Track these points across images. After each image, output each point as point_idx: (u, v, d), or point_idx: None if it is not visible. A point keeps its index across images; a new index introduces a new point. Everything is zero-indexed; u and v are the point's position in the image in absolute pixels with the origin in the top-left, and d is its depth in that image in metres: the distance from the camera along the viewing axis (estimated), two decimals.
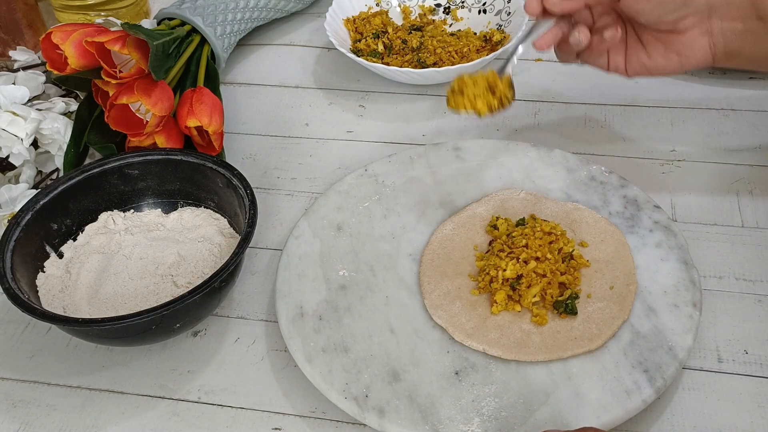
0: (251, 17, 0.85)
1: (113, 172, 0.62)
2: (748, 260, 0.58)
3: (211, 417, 0.52)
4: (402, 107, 0.78)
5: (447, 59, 0.78)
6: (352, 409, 0.49)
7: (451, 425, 0.47)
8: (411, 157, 0.67)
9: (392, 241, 0.61)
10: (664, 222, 0.58)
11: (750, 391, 0.50)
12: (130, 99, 0.63)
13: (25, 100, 0.70)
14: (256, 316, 0.58)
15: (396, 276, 0.58)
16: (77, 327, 0.50)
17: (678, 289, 0.53)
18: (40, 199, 0.58)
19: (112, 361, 0.56)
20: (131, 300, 0.56)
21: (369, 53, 0.81)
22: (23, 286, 0.54)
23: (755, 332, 0.54)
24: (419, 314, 0.55)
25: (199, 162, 0.61)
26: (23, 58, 0.79)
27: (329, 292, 0.57)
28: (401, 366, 0.51)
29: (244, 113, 0.79)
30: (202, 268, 0.58)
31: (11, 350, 0.58)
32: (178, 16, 0.78)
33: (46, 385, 0.55)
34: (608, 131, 0.72)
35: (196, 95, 0.67)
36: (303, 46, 0.89)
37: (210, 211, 0.63)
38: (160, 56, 0.68)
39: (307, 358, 0.52)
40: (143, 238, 0.61)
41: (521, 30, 0.74)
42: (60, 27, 0.66)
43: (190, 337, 0.57)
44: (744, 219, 0.62)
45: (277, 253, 0.63)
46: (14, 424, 0.52)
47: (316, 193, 0.69)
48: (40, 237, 0.58)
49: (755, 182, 0.65)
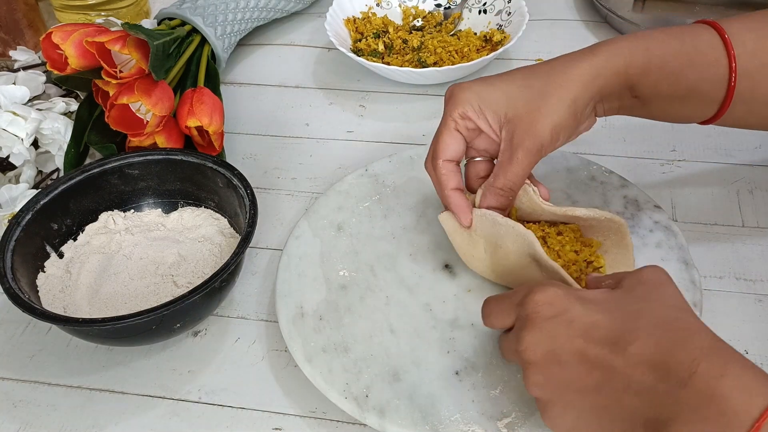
0: (251, 17, 0.85)
1: (113, 172, 0.62)
2: (748, 260, 0.58)
3: (211, 417, 0.52)
4: (402, 107, 0.78)
5: (447, 59, 0.78)
6: (352, 409, 0.49)
7: (451, 425, 0.47)
8: (411, 157, 0.67)
9: (392, 241, 0.61)
10: (665, 222, 0.58)
11: None
12: (130, 99, 0.63)
13: (25, 100, 0.70)
14: (257, 316, 0.58)
15: (396, 276, 0.58)
16: (77, 327, 0.50)
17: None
18: (41, 199, 0.58)
19: (113, 361, 0.56)
20: (131, 300, 0.56)
21: (369, 53, 0.81)
22: (23, 286, 0.54)
23: (755, 332, 0.54)
24: (419, 314, 0.55)
25: (199, 162, 0.61)
26: (23, 58, 0.79)
27: (329, 292, 0.57)
28: (401, 366, 0.51)
29: (245, 113, 0.79)
30: (202, 268, 0.58)
31: (11, 350, 0.58)
32: (179, 16, 0.78)
33: (46, 385, 0.55)
34: (608, 131, 0.72)
35: (196, 95, 0.67)
36: (303, 46, 0.89)
37: (210, 211, 0.63)
38: (160, 56, 0.68)
39: (307, 358, 0.52)
40: (143, 238, 0.61)
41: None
42: (60, 27, 0.66)
43: (191, 337, 0.57)
44: (744, 219, 0.62)
45: (277, 253, 0.63)
46: (14, 424, 0.53)
47: (316, 193, 0.69)
48: (41, 237, 0.58)
49: (755, 182, 0.65)
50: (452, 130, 0.53)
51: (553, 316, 0.41)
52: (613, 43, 0.52)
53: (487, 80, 0.54)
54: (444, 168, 0.54)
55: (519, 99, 0.52)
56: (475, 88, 0.53)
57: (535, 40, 0.86)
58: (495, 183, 0.52)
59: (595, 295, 0.42)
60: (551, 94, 0.51)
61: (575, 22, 0.89)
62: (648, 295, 0.41)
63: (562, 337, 0.40)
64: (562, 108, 0.50)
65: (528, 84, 0.52)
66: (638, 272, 0.43)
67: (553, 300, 0.41)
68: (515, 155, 0.51)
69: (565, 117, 0.51)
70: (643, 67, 0.51)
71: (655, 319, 0.39)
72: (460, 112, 0.53)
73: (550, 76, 0.52)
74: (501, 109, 0.52)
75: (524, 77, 0.53)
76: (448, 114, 0.53)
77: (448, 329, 0.54)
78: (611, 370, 0.39)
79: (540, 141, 0.51)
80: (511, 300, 0.44)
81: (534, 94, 0.51)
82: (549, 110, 0.50)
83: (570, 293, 0.42)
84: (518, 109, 0.51)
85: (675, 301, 0.41)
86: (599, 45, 0.52)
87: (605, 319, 0.40)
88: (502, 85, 0.53)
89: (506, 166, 0.52)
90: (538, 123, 0.50)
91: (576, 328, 0.40)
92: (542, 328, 0.41)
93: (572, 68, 0.51)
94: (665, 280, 0.42)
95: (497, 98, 0.52)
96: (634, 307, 0.40)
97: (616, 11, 0.84)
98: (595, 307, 0.41)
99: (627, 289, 0.42)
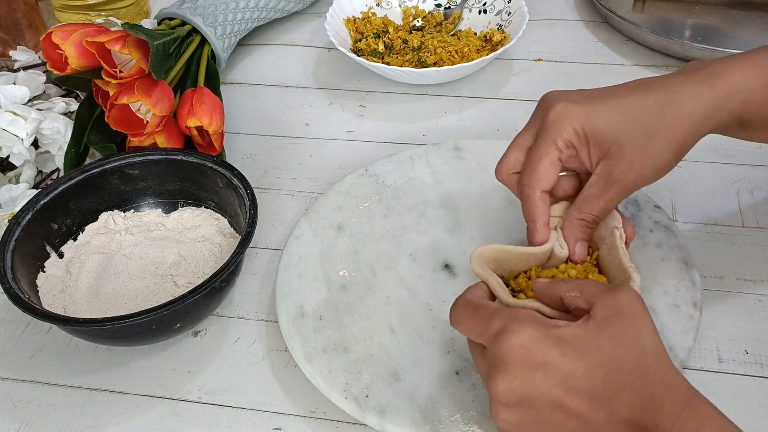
0: (252, 17, 0.85)
1: (114, 172, 0.62)
2: (748, 260, 0.58)
3: (211, 417, 0.52)
4: (402, 107, 0.78)
5: (447, 59, 0.78)
6: (352, 409, 0.49)
7: (451, 425, 0.47)
8: (411, 157, 0.67)
9: (392, 241, 0.61)
10: (665, 222, 0.58)
11: (750, 392, 0.50)
12: (130, 99, 0.63)
13: (25, 100, 0.70)
14: (257, 316, 0.58)
15: (396, 276, 0.58)
16: (77, 327, 0.50)
17: (678, 289, 0.53)
18: (41, 199, 0.58)
19: (113, 361, 0.56)
20: (131, 300, 0.56)
21: (369, 53, 0.81)
22: (24, 285, 0.54)
23: (755, 332, 0.54)
24: (420, 314, 0.55)
25: (199, 162, 0.61)
26: (24, 58, 0.79)
27: (329, 292, 0.57)
28: (401, 366, 0.51)
29: (245, 113, 0.79)
30: (202, 268, 0.58)
31: (12, 350, 0.58)
32: (179, 16, 0.78)
33: (46, 385, 0.55)
34: None
35: (196, 95, 0.67)
36: (303, 46, 0.89)
37: (210, 211, 0.63)
38: (160, 56, 0.68)
39: (307, 358, 0.52)
40: (143, 238, 0.61)
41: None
42: (60, 27, 0.66)
43: (191, 337, 0.57)
44: (744, 219, 0.62)
45: (277, 253, 0.63)
46: (14, 424, 0.53)
47: (316, 193, 0.69)
48: (41, 237, 0.58)
49: (755, 182, 0.65)
50: (554, 160, 0.49)
51: (529, 362, 0.39)
52: (731, 72, 0.48)
53: (592, 101, 0.49)
54: (541, 200, 0.49)
55: (625, 132, 0.47)
56: (582, 111, 0.48)
57: (535, 40, 0.86)
58: (581, 213, 0.49)
59: (573, 335, 0.40)
60: (661, 134, 0.47)
61: (575, 22, 0.89)
62: (624, 335, 0.39)
63: (538, 384, 0.39)
64: (670, 151, 0.48)
65: (638, 116, 0.48)
66: (613, 298, 0.41)
67: (530, 344, 0.39)
68: (608, 191, 0.48)
69: (670, 159, 0.48)
70: (761, 102, 0.48)
71: (635, 371, 0.38)
72: (566, 140, 0.48)
73: (664, 108, 0.47)
74: (606, 141, 0.48)
75: (634, 100, 0.48)
76: (551, 138, 0.48)
77: (448, 329, 0.54)
78: (589, 422, 0.38)
79: (640, 182, 0.48)
80: (485, 323, 0.42)
81: (643, 129, 0.47)
82: (655, 152, 0.47)
83: (548, 335, 0.40)
84: (623, 144, 0.47)
85: (652, 343, 0.40)
86: (716, 71, 0.48)
87: (584, 367, 0.39)
88: (609, 111, 0.48)
89: (598, 198, 0.49)
90: (641, 165, 0.48)
91: (553, 377, 0.39)
92: (517, 374, 0.39)
93: (687, 102, 0.47)
94: (641, 311, 0.41)
95: (604, 128, 0.48)
96: (612, 355, 0.39)
97: (616, 11, 0.84)
98: (573, 352, 0.39)
99: (603, 324, 0.40)
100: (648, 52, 0.82)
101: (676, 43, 0.78)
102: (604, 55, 0.83)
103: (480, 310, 0.43)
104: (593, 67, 0.81)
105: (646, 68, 0.80)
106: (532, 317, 0.41)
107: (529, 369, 0.39)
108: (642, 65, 0.81)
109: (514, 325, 0.40)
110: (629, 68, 0.81)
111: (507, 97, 0.78)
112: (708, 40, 0.78)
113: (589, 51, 0.84)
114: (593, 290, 0.42)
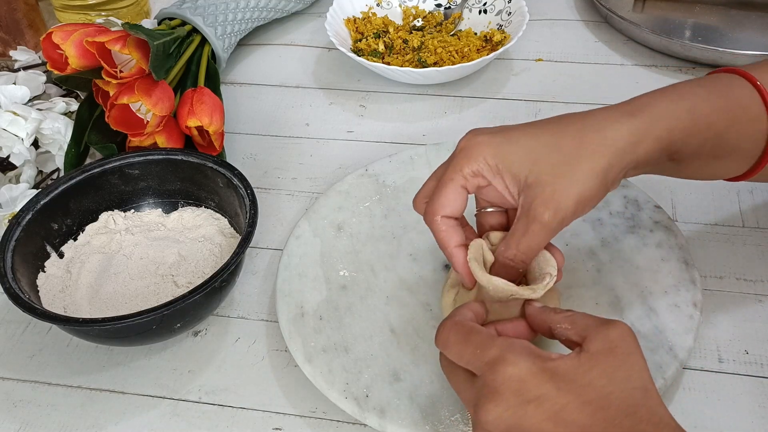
0: (252, 17, 0.85)
1: (114, 172, 0.62)
2: (748, 260, 0.58)
3: (211, 417, 0.52)
4: (402, 107, 0.78)
5: (447, 59, 0.79)
6: (352, 409, 0.49)
7: (451, 425, 0.47)
8: (411, 157, 0.67)
9: (393, 241, 0.61)
10: (665, 222, 0.58)
11: (751, 391, 0.50)
12: (130, 99, 0.63)
13: (25, 100, 0.70)
14: (257, 316, 0.58)
15: (396, 276, 0.58)
16: (78, 327, 0.50)
17: (678, 289, 0.53)
18: (41, 198, 0.58)
19: (113, 361, 0.56)
20: (132, 300, 0.56)
21: (370, 53, 0.81)
22: (24, 285, 0.54)
23: (755, 332, 0.54)
24: (420, 314, 0.55)
25: (199, 162, 0.61)
26: (24, 58, 0.79)
27: (330, 292, 0.57)
28: (402, 366, 0.51)
29: (245, 113, 0.79)
30: (202, 268, 0.58)
31: (12, 350, 0.58)
32: (179, 16, 0.78)
33: (46, 385, 0.55)
34: None
35: (196, 95, 0.67)
36: (303, 46, 0.89)
37: (210, 211, 0.63)
38: (160, 56, 0.68)
39: (307, 358, 0.52)
40: (144, 237, 0.61)
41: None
42: (61, 27, 0.66)
43: (191, 337, 0.57)
44: (744, 219, 0.62)
45: (277, 253, 0.63)
46: (14, 424, 0.53)
47: (316, 193, 0.69)
48: (41, 237, 0.58)
49: (755, 182, 0.65)
50: (458, 187, 0.48)
51: (524, 394, 0.39)
52: (654, 102, 0.47)
53: (509, 133, 0.47)
54: (444, 224, 0.48)
55: (544, 162, 0.45)
56: (494, 141, 0.47)
57: (535, 40, 0.86)
58: (506, 253, 0.47)
59: (566, 368, 0.40)
60: (581, 161, 0.45)
61: (575, 22, 0.89)
62: (616, 372, 0.39)
63: (529, 417, 0.39)
64: (592, 178, 0.45)
65: (556, 143, 0.46)
66: (606, 332, 0.41)
67: (525, 377, 0.39)
68: (531, 227, 0.45)
69: (594, 188, 0.45)
70: (687, 130, 0.46)
71: (624, 408, 0.38)
72: (473, 169, 0.47)
73: (584, 136, 0.45)
74: (522, 172, 0.46)
75: (553, 134, 0.46)
76: (457, 168, 0.47)
77: None
78: None
79: (561, 215, 0.45)
80: (478, 351, 0.41)
81: (562, 158, 0.45)
82: (576, 180, 0.44)
83: (543, 369, 0.39)
84: (541, 175, 0.45)
85: (642, 381, 0.40)
86: (639, 103, 0.47)
87: (575, 402, 0.39)
88: (527, 141, 0.46)
89: (520, 237, 0.46)
90: (562, 194, 0.44)
91: (545, 410, 0.39)
92: (509, 404, 0.39)
93: (608, 129, 0.45)
94: (634, 348, 0.40)
95: (519, 158, 0.46)
96: (603, 391, 0.39)
97: (616, 11, 0.84)
98: (566, 386, 0.39)
99: (595, 358, 0.40)
100: (648, 52, 0.82)
101: (677, 43, 0.78)
102: (604, 55, 0.83)
103: (471, 336, 0.42)
104: (593, 67, 0.81)
105: (646, 68, 0.80)
106: (527, 349, 0.41)
107: (522, 401, 0.39)
108: (642, 65, 0.81)
109: (511, 356, 0.40)
110: (629, 68, 0.81)
111: (507, 97, 0.78)
112: (708, 40, 0.78)
113: (589, 51, 0.84)
114: (585, 323, 0.42)
